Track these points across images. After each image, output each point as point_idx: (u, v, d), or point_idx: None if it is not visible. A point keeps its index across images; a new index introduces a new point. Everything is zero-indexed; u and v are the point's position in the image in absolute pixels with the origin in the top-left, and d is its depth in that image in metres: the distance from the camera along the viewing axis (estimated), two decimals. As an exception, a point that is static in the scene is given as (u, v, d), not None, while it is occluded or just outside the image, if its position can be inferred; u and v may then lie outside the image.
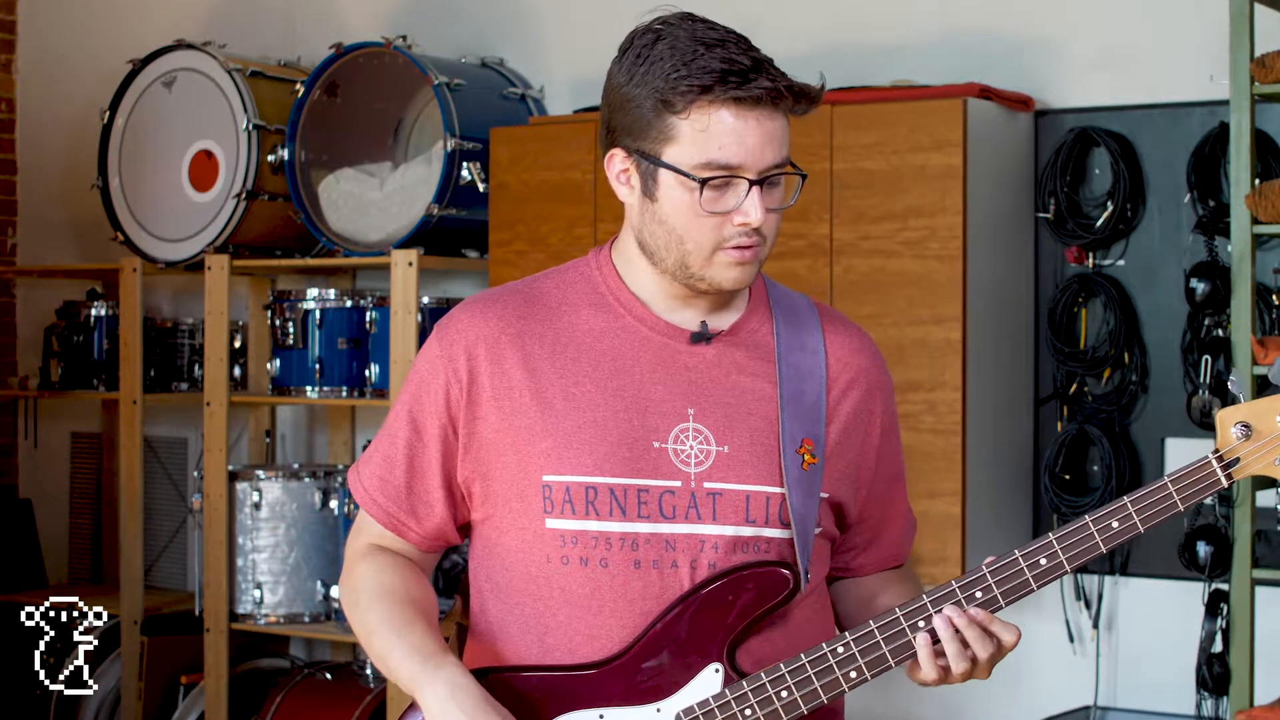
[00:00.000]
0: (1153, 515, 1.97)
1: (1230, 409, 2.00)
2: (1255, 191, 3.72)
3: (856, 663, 1.98)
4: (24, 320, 6.04)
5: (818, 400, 2.09)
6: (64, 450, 5.93)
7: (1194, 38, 4.17)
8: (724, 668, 2.00)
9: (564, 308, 2.10)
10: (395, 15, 5.27)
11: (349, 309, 4.95)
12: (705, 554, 2.02)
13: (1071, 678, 4.32)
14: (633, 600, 2.01)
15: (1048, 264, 4.36)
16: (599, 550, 2.01)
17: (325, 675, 4.99)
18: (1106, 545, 1.97)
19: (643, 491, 2.01)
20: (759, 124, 1.96)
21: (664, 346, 2.07)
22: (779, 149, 1.99)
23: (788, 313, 2.15)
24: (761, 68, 1.96)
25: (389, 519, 2.13)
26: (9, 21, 6.08)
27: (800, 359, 2.11)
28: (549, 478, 2.02)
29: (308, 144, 4.90)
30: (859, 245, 4.20)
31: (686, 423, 2.04)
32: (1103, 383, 4.28)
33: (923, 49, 4.50)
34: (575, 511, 2.01)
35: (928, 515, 4.06)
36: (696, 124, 1.96)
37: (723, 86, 1.95)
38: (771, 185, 1.99)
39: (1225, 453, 1.97)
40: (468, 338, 2.09)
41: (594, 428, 2.02)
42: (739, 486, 2.04)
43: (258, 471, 5.00)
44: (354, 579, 2.13)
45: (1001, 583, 1.99)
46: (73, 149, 5.77)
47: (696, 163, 1.97)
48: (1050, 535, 1.98)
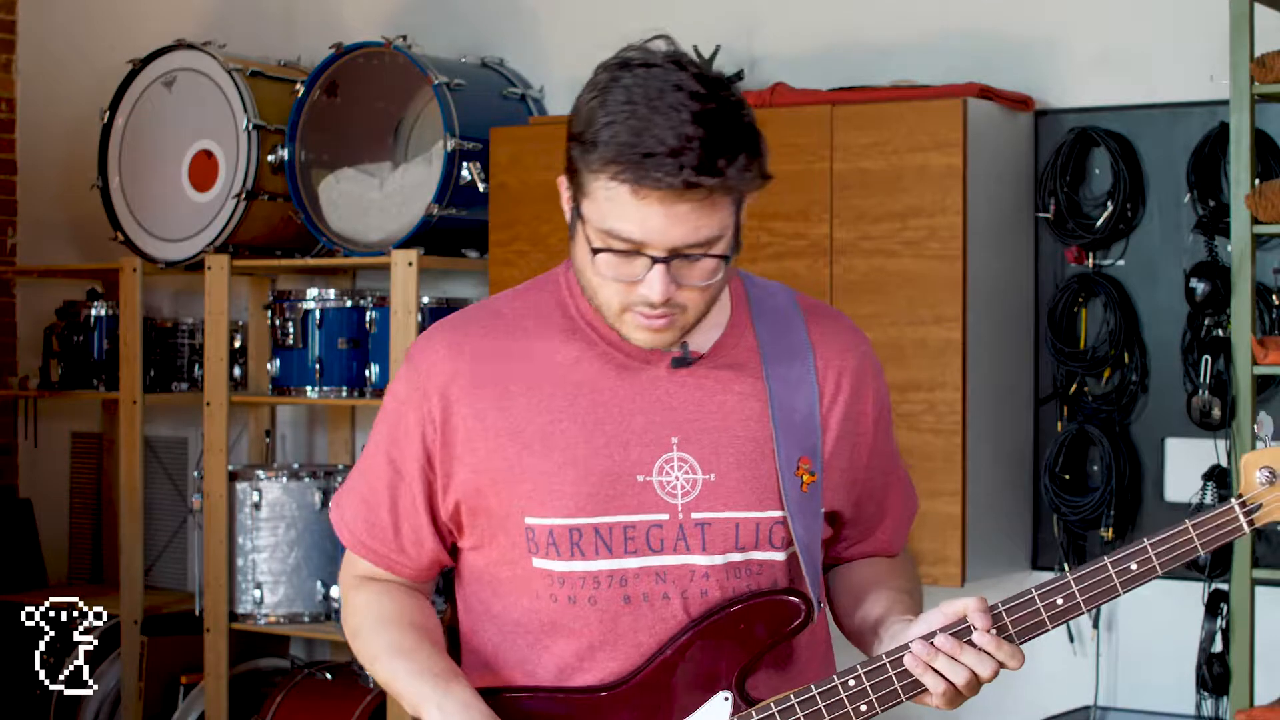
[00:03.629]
0: (1172, 560, 1.93)
1: (1256, 453, 1.98)
2: (1255, 191, 3.72)
3: (868, 696, 1.94)
4: (24, 320, 6.04)
5: (810, 411, 2.03)
6: (64, 450, 5.93)
7: (1194, 38, 4.17)
8: (733, 696, 1.97)
9: (536, 337, 2.01)
10: (395, 15, 5.27)
11: (349, 309, 4.95)
12: (696, 583, 1.98)
13: (1071, 678, 4.32)
14: (623, 634, 1.98)
15: (1048, 264, 4.36)
16: (587, 589, 1.97)
17: (325, 675, 4.99)
18: (1125, 588, 1.94)
19: (629, 528, 1.96)
20: (665, 207, 1.83)
21: (643, 373, 1.99)
22: (692, 231, 1.85)
23: (771, 318, 2.07)
24: (681, 154, 1.81)
25: (381, 559, 2.09)
26: (9, 21, 6.08)
27: (789, 370, 2.03)
28: (531, 520, 1.97)
29: (308, 144, 4.90)
30: (859, 245, 4.20)
31: (671, 452, 1.98)
32: (1103, 383, 4.28)
33: (923, 49, 4.50)
34: (560, 553, 1.96)
35: (928, 515, 4.05)
36: (604, 188, 1.85)
37: (621, 166, 1.83)
38: (690, 261, 1.87)
39: (1249, 499, 1.94)
40: (439, 377, 2.00)
41: (574, 467, 1.96)
42: (728, 515, 1.98)
43: (258, 471, 5.00)
44: (353, 610, 2.11)
45: (1017, 621, 1.94)
46: (73, 149, 5.77)
47: (599, 227, 1.87)
48: (1068, 575, 1.95)
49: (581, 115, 1.90)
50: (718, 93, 1.87)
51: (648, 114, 1.84)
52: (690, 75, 1.87)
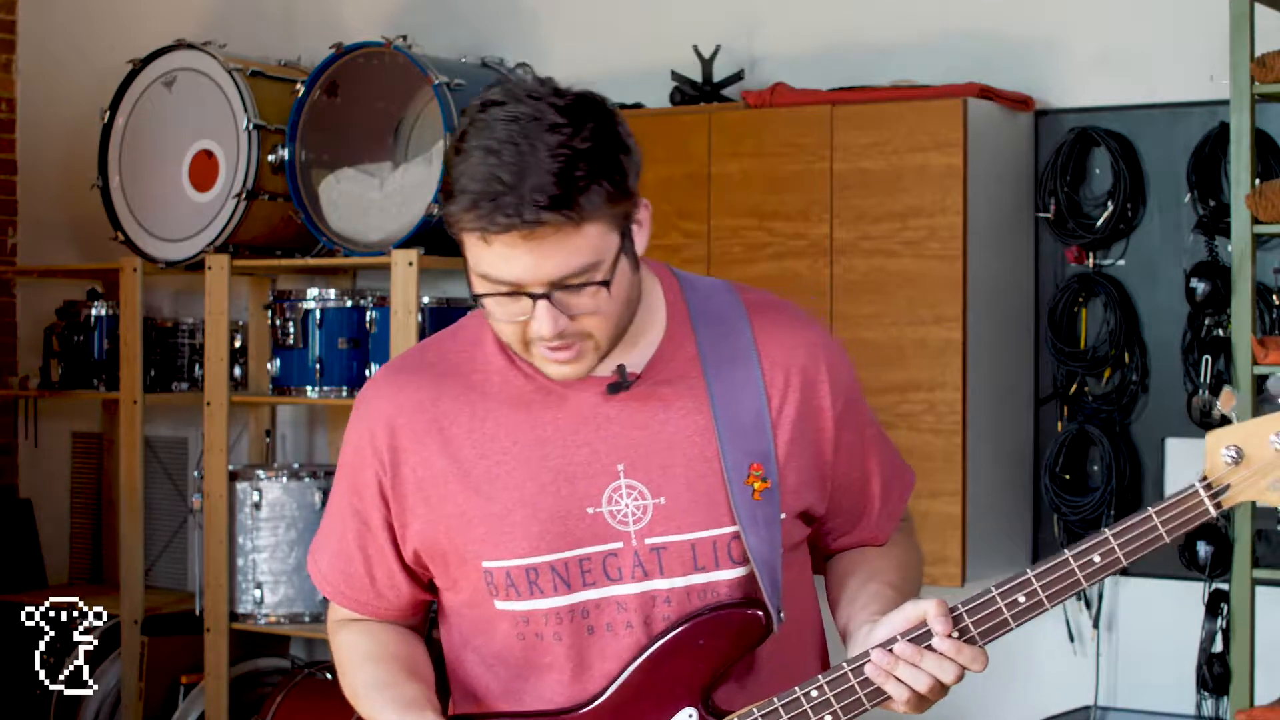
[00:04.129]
0: (1137, 549, 1.86)
1: (1220, 431, 1.85)
2: (1255, 191, 3.72)
3: (831, 706, 1.91)
4: (24, 320, 6.04)
5: (759, 416, 1.97)
6: (64, 450, 5.93)
7: (1194, 38, 4.17)
8: (698, 712, 1.94)
9: (475, 376, 1.99)
10: (395, 15, 5.27)
11: (349, 309, 4.95)
12: (659, 609, 1.95)
13: (1071, 678, 4.32)
14: (590, 665, 1.96)
15: (1048, 264, 4.36)
16: (550, 625, 1.96)
17: (325, 675, 4.99)
18: (1089, 581, 1.87)
19: (584, 560, 1.94)
20: (527, 245, 1.80)
21: (582, 403, 1.95)
22: (563, 263, 1.81)
23: (711, 322, 2.00)
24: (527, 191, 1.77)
25: (362, 606, 2.10)
26: (9, 21, 6.08)
27: (731, 372, 1.98)
28: (488, 564, 1.96)
29: (308, 144, 4.90)
30: (859, 245, 4.20)
31: (618, 480, 1.94)
32: (1103, 383, 4.28)
33: (923, 49, 4.50)
34: (520, 594, 1.95)
35: (928, 515, 4.05)
36: (470, 238, 1.85)
37: (472, 214, 1.81)
38: (573, 290, 1.83)
39: (1214, 480, 1.84)
40: (387, 427, 2.00)
41: (523, 508, 1.94)
42: (682, 537, 1.94)
43: (258, 471, 4.99)
44: (338, 650, 2.12)
45: (979, 623, 1.90)
46: (73, 149, 5.77)
47: (476, 272, 1.87)
48: (1029, 572, 1.88)
49: (447, 167, 1.87)
50: (580, 118, 1.82)
51: (497, 155, 1.80)
52: (548, 105, 1.82)
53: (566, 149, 1.79)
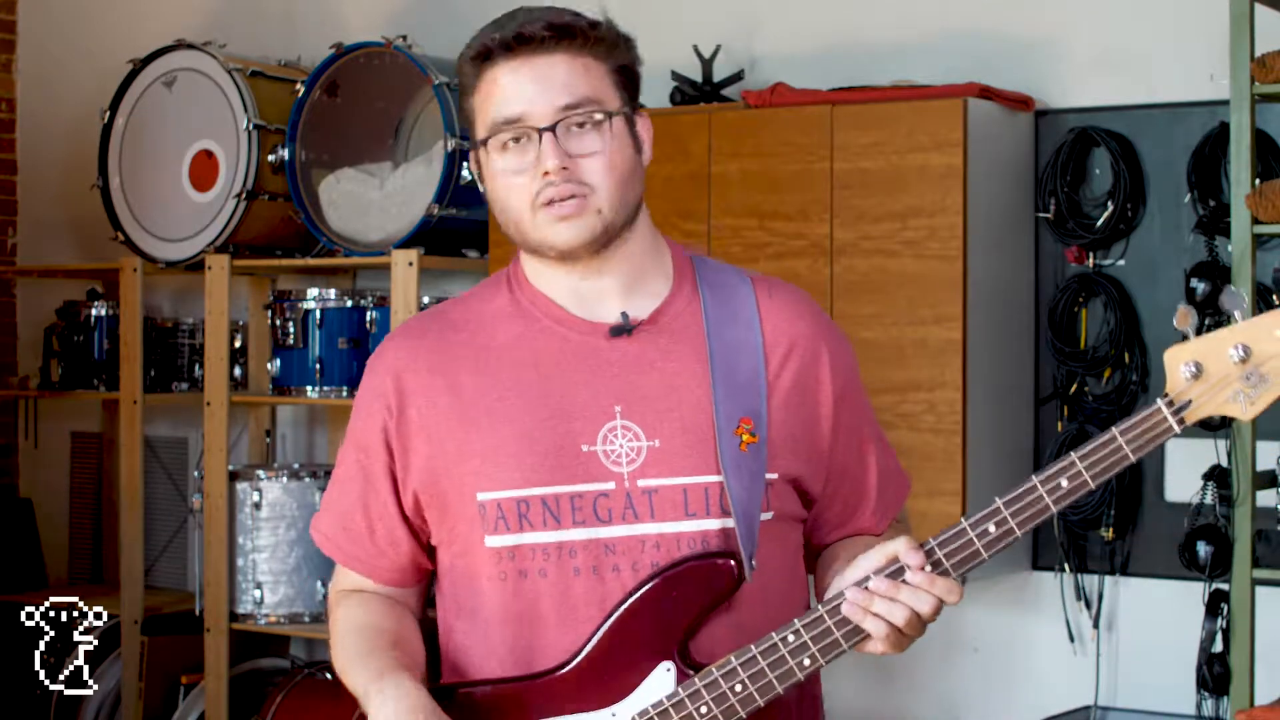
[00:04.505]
0: (1104, 470, 1.88)
1: (1177, 348, 1.87)
2: (1255, 191, 3.72)
3: (809, 649, 1.91)
4: (24, 320, 6.04)
5: (754, 374, 2.02)
6: (64, 450, 5.93)
7: (1194, 38, 4.17)
8: (675, 665, 1.95)
9: (483, 323, 2.06)
10: (395, 15, 5.27)
11: (349, 309, 4.95)
12: (647, 554, 1.97)
13: (1071, 678, 4.32)
14: (575, 608, 1.97)
15: (1048, 264, 4.36)
16: (537, 561, 1.98)
17: (325, 675, 4.99)
18: (1057, 505, 1.87)
19: (575, 498, 1.97)
20: (534, 70, 1.96)
21: (583, 344, 2.02)
22: (565, 92, 1.96)
23: (717, 288, 2.08)
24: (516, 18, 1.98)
25: (362, 565, 2.13)
26: (9, 21, 6.08)
27: (733, 332, 2.03)
28: (483, 495, 1.99)
29: (308, 144, 4.90)
30: (859, 245, 4.20)
31: (614, 420, 1.99)
32: (1103, 383, 4.28)
33: (923, 49, 4.50)
34: (509, 527, 1.98)
35: (927, 515, 4.05)
36: (482, 94, 2.01)
37: (489, 48, 1.98)
38: (579, 130, 1.97)
39: (1175, 396, 1.86)
40: (394, 371, 2.06)
41: (520, 440, 1.98)
42: (674, 480, 1.98)
43: (258, 471, 5.00)
44: (333, 624, 2.15)
45: (951, 554, 1.89)
46: (73, 149, 5.77)
47: (488, 126, 2.00)
48: (998, 500, 1.88)
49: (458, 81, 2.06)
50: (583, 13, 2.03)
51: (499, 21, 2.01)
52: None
53: (572, 10, 2.00)
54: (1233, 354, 1.83)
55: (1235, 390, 1.84)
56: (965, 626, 4.46)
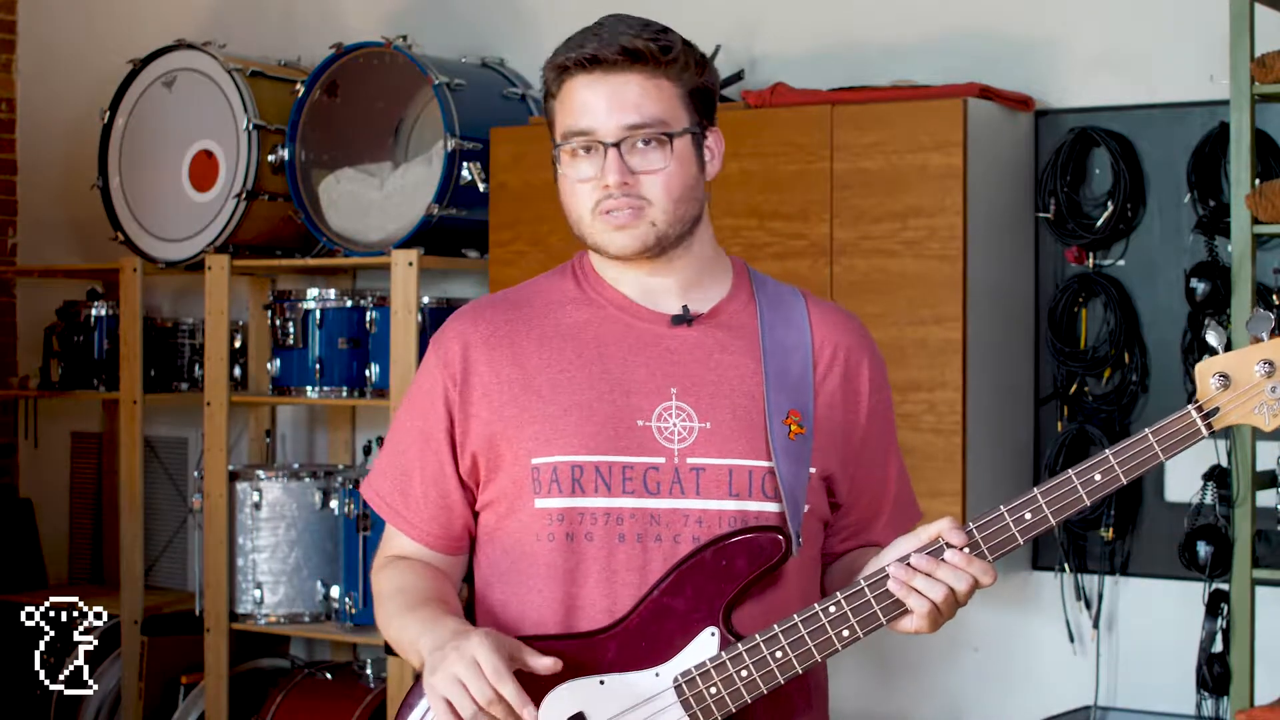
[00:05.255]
0: (1135, 467, 2.01)
1: (1208, 361, 2.01)
2: (1255, 191, 3.72)
3: (849, 621, 2.02)
4: (24, 320, 6.04)
5: (804, 373, 2.15)
6: (64, 450, 5.93)
7: (1194, 38, 4.17)
8: (720, 630, 2.04)
9: (550, 306, 2.19)
10: (395, 15, 5.28)
11: (349, 309, 4.95)
12: (689, 528, 2.08)
13: (1071, 678, 4.32)
14: (615, 572, 2.08)
15: (1048, 264, 4.36)
16: (584, 525, 2.09)
17: (325, 675, 4.99)
18: (1090, 498, 2.00)
19: (627, 468, 2.08)
20: (608, 87, 2.07)
21: (646, 331, 2.15)
22: (634, 111, 2.07)
23: (772, 296, 2.22)
24: (600, 35, 2.09)
25: (413, 529, 2.21)
26: (9, 21, 6.08)
27: (785, 335, 2.17)
28: (537, 460, 2.10)
29: (308, 144, 4.90)
30: (859, 245, 4.20)
31: (669, 401, 2.11)
32: (1103, 383, 4.28)
33: (923, 49, 4.50)
34: (562, 490, 2.09)
35: (927, 515, 4.03)
36: (560, 102, 2.11)
37: (566, 60, 2.09)
38: (643, 146, 2.08)
39: (1205, 404, 2.01)
40: (462, 341, 2.18)
41: (579, 410, 2.10)
42: (722, 461, 2.09)
43: (258, 471, 5.00)
44: (377, 585, 2.22)
45: (988, 538, 2.02)
46: (73, 149, 5.77)
47: (561, 135, 2.11)
48: (1035, 490, 2.01)
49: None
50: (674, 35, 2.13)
51: (593, 27, 2.13)
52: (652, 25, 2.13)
53: (655, 27, 2.11)
54: (1259, 369, 1.99)
55: (1260, 402, 2.00)
56: (965, 626, 4.46)
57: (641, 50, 2.07)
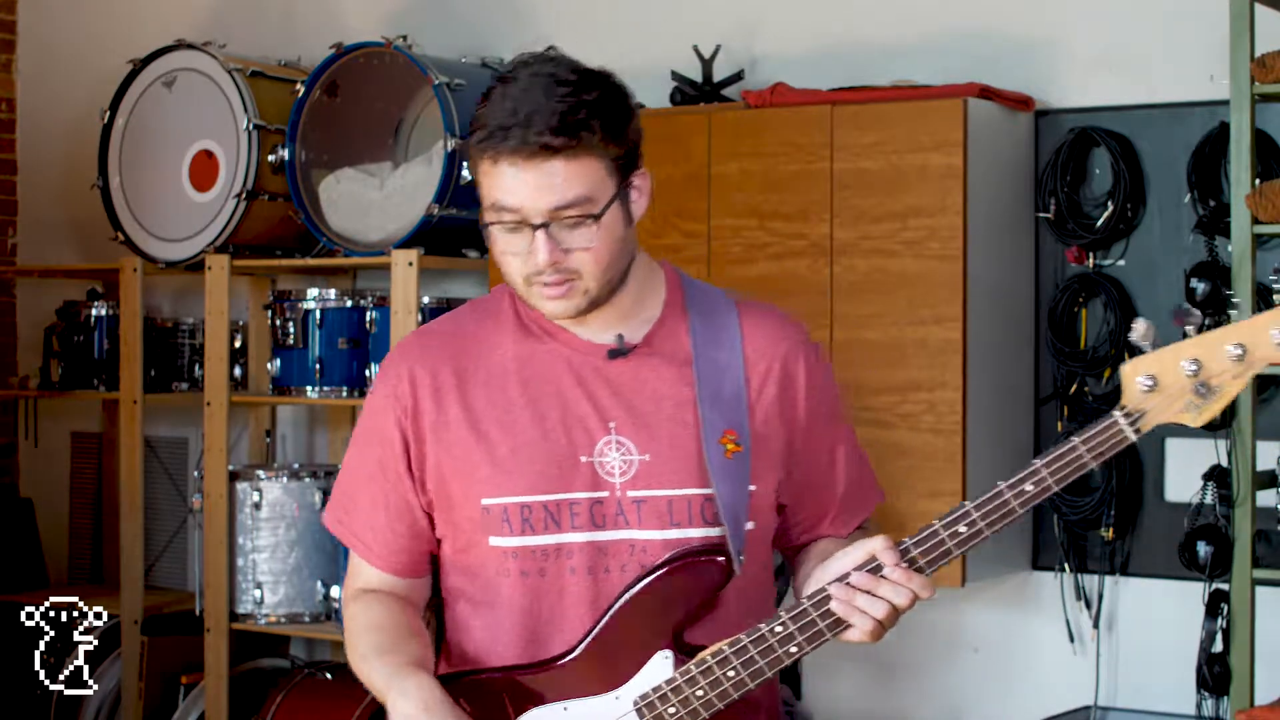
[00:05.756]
0: (1066, 475, 2.03)
1: (1133, 362, 2.00)
2: (1255, 191, 3.72)
3: (796, 639, 2.08)
4: (24, 320, 6.04)
5: (738, 391, 2.19)
6: (64, 450, 5.93)
7: (1194, 38, 4.17)
8: (672, 653, 2.12)
9: (492, 340, 2.23)
10: (395, 15, 5.28)
11: (349, 309, 4.95)
12: (635, 557, 2.15)
13: (1071, 678, 4.32)
14: (569, 606, 2.16)
15: (1048, 264, 4.36)
16: (536, 562, 2.16)
17: (325, 675, 4.99)
18: (1023, 508, 2.05)
19: (573, 504, 2.15)
20: (531, 173, 2.06)
21: (584, 364, 2.19)
22: (560, 192, 2.07)
23: (704, 312, 2.24)
24: (532, 121, 2.04)
25: (383, 561, 2.27)
26: (9, 21, 6.08)
27: (717, 354, 2.20)
28: (487, 501, 2.16)
29: (308, 144, 4.90)
30: (859, 245, 4.20)
31: (609, 435, 2.16)
32: (1103, 383, 4.28)
33: (923, 49, 4.50)
34: (513, 530, 2.16)
35: (928, 516, 4.04)
36: (485, 175, 2.11)
37: (488, 142, 2.08)
38: (571, 224, 2.08)
39: (1132, 408, 2.00)
40: (410, 378, 2.22)
41: (525, 450, 2.16)
42: (661, 492, 2.15)
43: (258, 471, 5.00)
44: (347, 620, 2.28)
45: (925, 553, 2.08)
46: (73, 149, 5.77)
47: (487, 205, 2.12)
48: (967, 504, 2.07)
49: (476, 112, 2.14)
50: (590, 80, 2.11)
51: (515, 99, 2.08)
52: (562, 66, 2.11)
53: (573, 96, 2.07)
54: (1186, 367, 1.97)
55: (1188, 401, 1.98)
56: (965, 626, 4.46)
57: (557, 146, 2.05)
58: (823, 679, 4.64)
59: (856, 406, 4.19)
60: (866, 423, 4.14)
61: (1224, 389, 1.98)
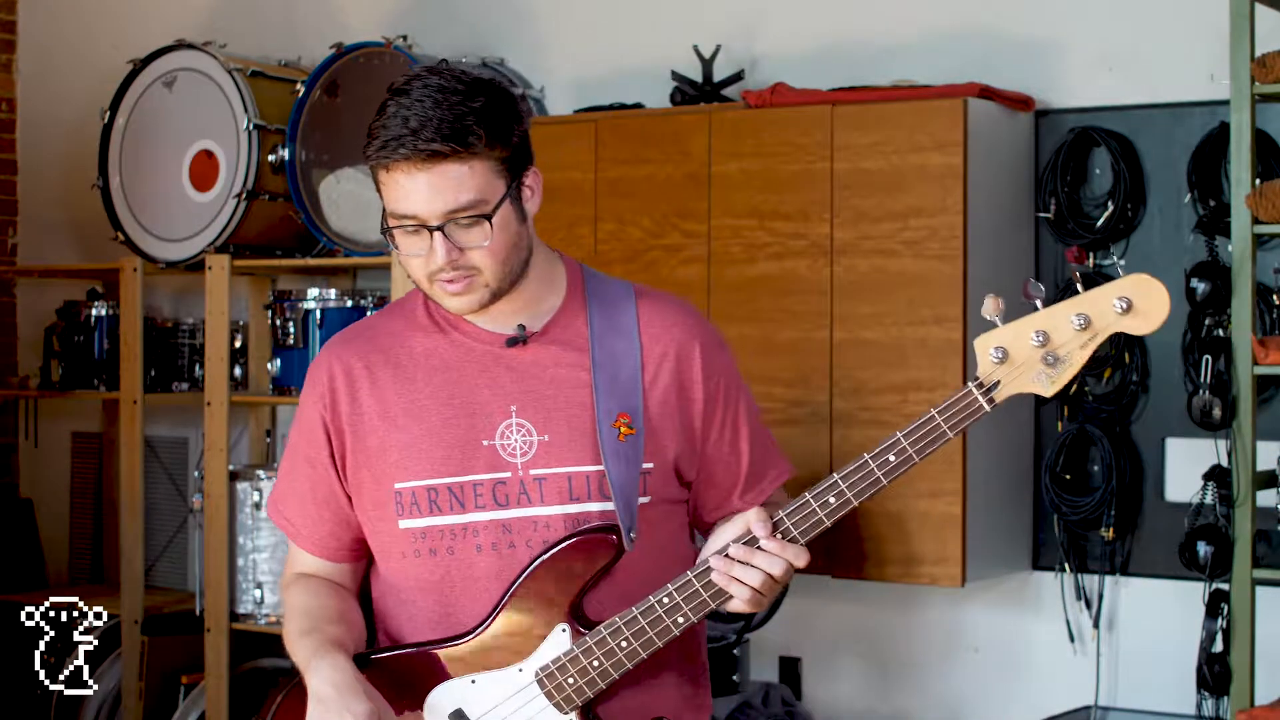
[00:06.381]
0: (926, 445, 2.16)
1: (984, 336, 2.10)
2: (1255, 191, 3.72)
3: (682, 609, 2.23)
4: (24, 320, 6.04)
5: (633, 377, 2.32)
6: (64, 450, 5.93)
7: (1194, 38, 4.17)
8: (569, 626, 2.26)
9: (403, 336, 2.38)
10: (395, 15, 5.28)
11: (349, 309, 4.95)
12: (539, 533, 2.28)
13: (1071, 678, 4.32)
14: (478, 580, 2.29)
15: (1048, 264, 4.36)
16: (445, 541, 2.30)
17: (325, 675, 4.98)
18: (888, 478, 2.17)
19: (477, 485, 2.29)
20: (427, 176, 2.19)
21: (486, 353, 2.33)
22: (453, 197, 2.20)
23: (604, 302, 2.38)
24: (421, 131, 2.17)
25: (319, 548, 2.43)
26: (9, 21, 6.08)
27: (614, 342, 2.34)
28: (399, 485, 2.32)
29: (308, 144, 4.90)
30: (859, 245, 4.20)
31: (510, 419, 2.31)
32: (1103, 383, 4.27)
33: (923, 49, 4.50)
34: (421, 511, 2.31)
35: (928, 515, 4.06)
36: (384, 184, 2.24)
37: (383, 152, 2.20)
38: (466, 224, 2.21)
39: (985, 379, 2.11)
40: (329, 375, 2.38)
41: (431, 436, 2.31)
42: (560, 470, 2.29)
43: (258, 471, 5.00)
44: (285, 605, 2.46)
45: (798, 523, 2.20)
46: (73, 149, 5.77)
47: (389, 212, 2.25)
48: (835, 475, 2.18)
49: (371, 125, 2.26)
50: (477, 88, 2.23)
51: (408, 110, 2.20)
52: (449, 75, 2.23)
53: (461, 106, 2.20)
54: (1033, 339, 2.08)
55: (1038, 371, 2.09)
56: (965, 626, 4.46)
57: (446, 152, 2.17)
58: (823, 679, 4.65)
59: (856, 406, 4.19)
60: (866, 423, 4.15)
61: (1071, 358, 2.08)
